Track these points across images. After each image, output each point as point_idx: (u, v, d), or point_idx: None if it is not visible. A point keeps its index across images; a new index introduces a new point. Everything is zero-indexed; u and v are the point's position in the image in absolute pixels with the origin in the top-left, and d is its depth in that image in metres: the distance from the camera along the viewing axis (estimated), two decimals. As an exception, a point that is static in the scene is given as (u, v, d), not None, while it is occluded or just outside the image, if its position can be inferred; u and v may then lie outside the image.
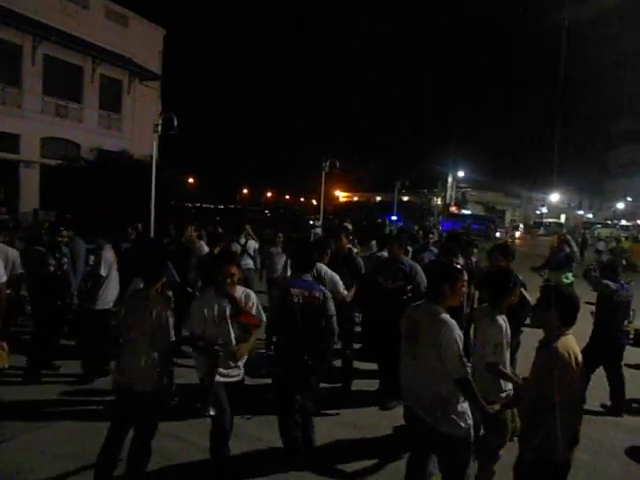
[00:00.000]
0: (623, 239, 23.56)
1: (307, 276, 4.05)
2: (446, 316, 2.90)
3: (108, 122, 23.81)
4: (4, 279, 4.50)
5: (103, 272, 5.67)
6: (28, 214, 17.81)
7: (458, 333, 2.84)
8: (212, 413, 3.29)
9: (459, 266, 3.22)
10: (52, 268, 5.67)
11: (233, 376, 3.56)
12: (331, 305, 3.89)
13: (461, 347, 2.81)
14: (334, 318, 3.89)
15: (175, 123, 12.05)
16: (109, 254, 5.84)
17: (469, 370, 2.83)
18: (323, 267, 4.96)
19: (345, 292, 5.08)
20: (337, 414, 4.99)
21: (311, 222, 24.03)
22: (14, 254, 5.34)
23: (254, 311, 3.65)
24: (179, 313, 3.74)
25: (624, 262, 14.80)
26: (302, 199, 59.16)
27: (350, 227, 11.40)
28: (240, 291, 3.65)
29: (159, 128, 12.51)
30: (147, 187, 12.56)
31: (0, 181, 19.07)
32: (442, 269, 3.16)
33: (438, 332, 2.81)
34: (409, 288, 5.04)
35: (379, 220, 28.28)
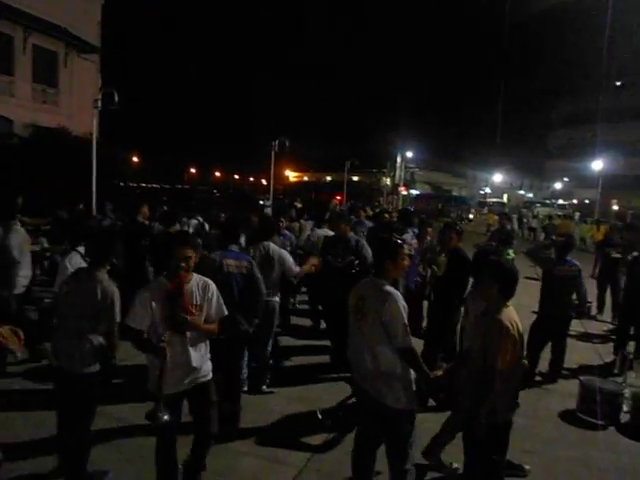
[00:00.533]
0: (556, 217, 25.09)
1: (233, 247, 4.45)
2: (390, 287, 2.99)
3: (43, 96, 22.42)
4: None
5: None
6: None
7: (402, 304, 2.92)
8: (165, 418, 2.88)
9: (399, 241, 3.29)
10: None
11: (199, 377, 3.16)
12: (257, 272, 4.29)
13: (405, 317, 2.89)
14: (261, 282, 4.29)
15: (116, 98, 11.51)
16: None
17: (411, 339, 2.91)
18: (271, 245, 5.04)
19: (297, 269, 5.16)
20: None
21: (261, 202, 23.79)
22: None
23: (214, 303, 3.22)
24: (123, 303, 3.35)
25: (554, 238, 15.76)
26: (251, 179, 58.42)
27: (300, 206, 11.38)
28: (196, 280, 3.18)
29: (99, 103, 11.89)
30: (88, 165, 12.00)
31: None
32: (383, 244, 3.24)
33: (383, 303, 2.89)
34: (356, 262, 5.22)
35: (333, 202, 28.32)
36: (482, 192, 71.42)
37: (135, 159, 36.32)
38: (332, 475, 3.67)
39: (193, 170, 59.68)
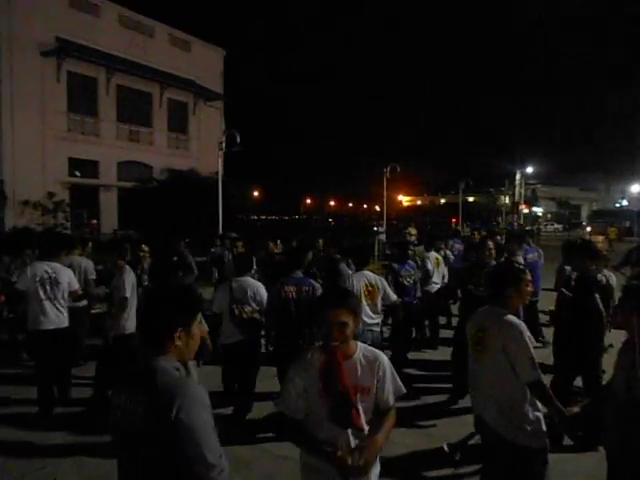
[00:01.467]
0: None
1: (298, 273, 4.65)
2: (513, 318, 2.81)
3: (176, 143, 25.07)
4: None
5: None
6: (108, 234, 19.07)
7: (528, 335, 2.74)
8: None
9: (521, 266, 3.10)
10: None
11: None
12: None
13: (532, 349, 2.71)
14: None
15: (238, 139, 12.55)
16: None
17: (539, 372, 2.72)
18: (369, 273, 5.31)
19: (394, 297, 5.37)
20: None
21: (375, 228, 23.92)
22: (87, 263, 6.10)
23: (387, 382, 2.24)
24: None
25: None
26: (365, 206, 59.06)
27: (414, 232, 11.22)
28: (361, 353, 2.24)
29: (223, 145, 13.07)
30: (214, 203, 13.09)
31: (83, 205, 20.54)
32: (505, 271, 3.05)
33: (506, 335, 2.73)
34: None
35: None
36: (618, 205, 64.65)
37: (256, 193, 38.76)
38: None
39: (309, 200, 62.01)
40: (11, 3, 17.83)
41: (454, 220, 24.27)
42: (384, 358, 2.28)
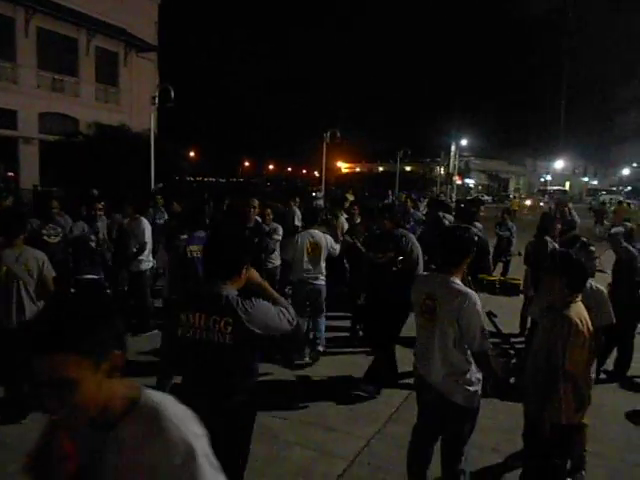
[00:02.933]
0: (625, 204, 23.68)
1: (200, 233, 4.76)
2: (465, 287, 2.81)
3: (105, 96, 23.48)
4: None
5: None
6: (28, 191, 17.76)
7: (480, 305, 2.75)
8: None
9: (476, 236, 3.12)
10: (93, 244, 5.84)
11: None
12: None
13: (482, 319, 2.76)
14: None
15: (172, 95, 11.92)
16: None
17: (489, 343, 2.77)
18: (316, 232, 5.58)
19: (337, 246, 5.73)
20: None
21: (313, 194, 23.92)
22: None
23: None
24: None
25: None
26: (304, 171, 58.83)
27: (352, 198, 11.30)
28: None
29: (156, 100, 12.39)
30: (147, 161, 12.48)
31: (0, 158, 18.95)
32: (461, 238, 2.93)
33: (459, 304, 2.71)
34: (399, 259, 4.99)
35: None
36: (542, 180, 68.51)
37: (192, 154, 37.44)
38: (384, 469, 3.64)
39: (247, 163, 60.81)
40: None
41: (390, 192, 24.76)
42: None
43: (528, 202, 41.28)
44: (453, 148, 42.52)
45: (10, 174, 19.43)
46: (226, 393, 2.30)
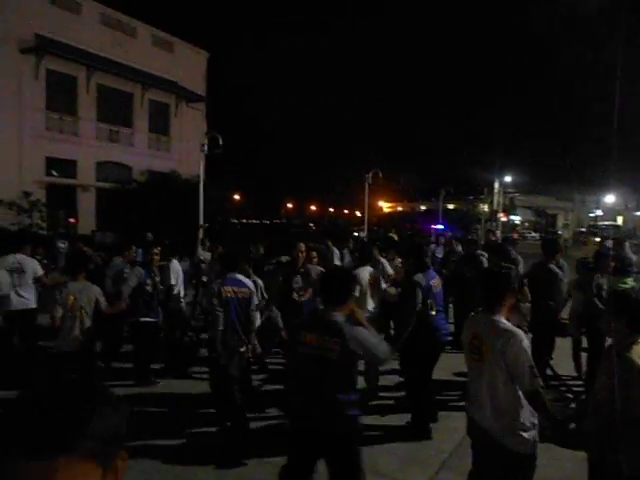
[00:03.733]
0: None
1: (235, 275, 4.86)
2: (510, 325, 2.77)
3: (157, 144, 24.77)
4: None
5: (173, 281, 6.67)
6: (86, 236, 18.72)
7: (527, 343, 2.70)
8: None
9: (515, 273, 3.09)
10: (149, 288, 6.10)
11: None
12: (255, 299, 4.77)
13: (531, 357, 2.70)
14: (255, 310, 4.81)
15: (220, 142, 12.46)
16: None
17: (540, 381, 2.71)
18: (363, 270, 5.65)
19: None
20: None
21: (355, 233, 23.99)
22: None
23: None
24: None
25: None
26: (346, 211, 59.23)
27: (396, 237, 11.28)
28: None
29: (205, 148, 12.96)
30: (195, 206, 12.96)
31: (60, 205, 20.13)
32: (500, 276, 2.95)
33: (504, 343, 2.68)
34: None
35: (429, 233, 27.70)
36: (592, 215, 66.12)
37: (236, 197, 38.53)
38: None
39: (290, 205, 61.91)
40: (-11, -2, 17.46)
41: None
42: None
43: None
44: (497, 185, 41.93)
45: (71, 220, 20.52)
46: (332, 400, 2.76)
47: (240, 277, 4.77)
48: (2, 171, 17.56)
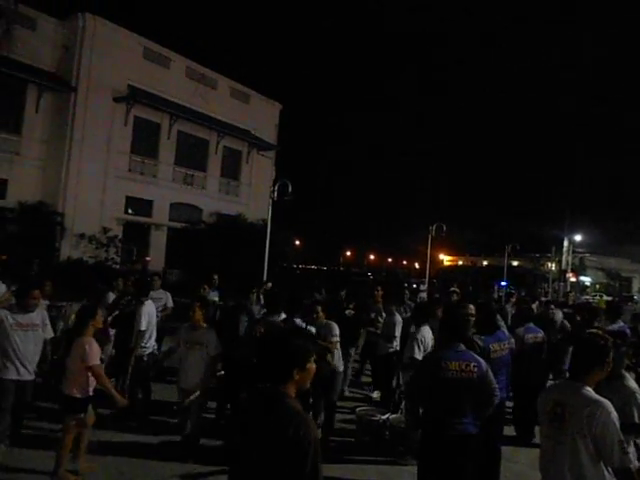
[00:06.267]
0: None
1: (275, 316, 5.25)
2: (599, 397, 2.63)
3: (227, 188, 25.97)
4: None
5: None
6: (157, 274, 19.59)
7: (615, 415, 2.56)
8: None
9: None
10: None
11: None
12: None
13: (619, 431, 2.53)
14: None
15: (290, 189, 12.95)
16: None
17: (632, 458, 2.56)
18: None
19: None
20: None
21: (414, 286, 23.63)
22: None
23: None
24: None
25: None
26: (404, 262, 58.66)
27: (458, 291, 11.05)
28: None
29: (274, 194, 13.50)
30: (258, 248, 13.40)
31: (134, 241, 21.35)
32: (592, 344, 2.79)
33: (591, 414, 2.56)
34: None
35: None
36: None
37: (297, 242, 39.25)
38: None
39: (349, 253, 62.15)
40: (93, 52, 19.46)
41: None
42: None
43: None
44: (566, 243, 40.20)
45: (148, 259, 21.45)
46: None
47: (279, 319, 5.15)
48: (86, 207, 19.01)
